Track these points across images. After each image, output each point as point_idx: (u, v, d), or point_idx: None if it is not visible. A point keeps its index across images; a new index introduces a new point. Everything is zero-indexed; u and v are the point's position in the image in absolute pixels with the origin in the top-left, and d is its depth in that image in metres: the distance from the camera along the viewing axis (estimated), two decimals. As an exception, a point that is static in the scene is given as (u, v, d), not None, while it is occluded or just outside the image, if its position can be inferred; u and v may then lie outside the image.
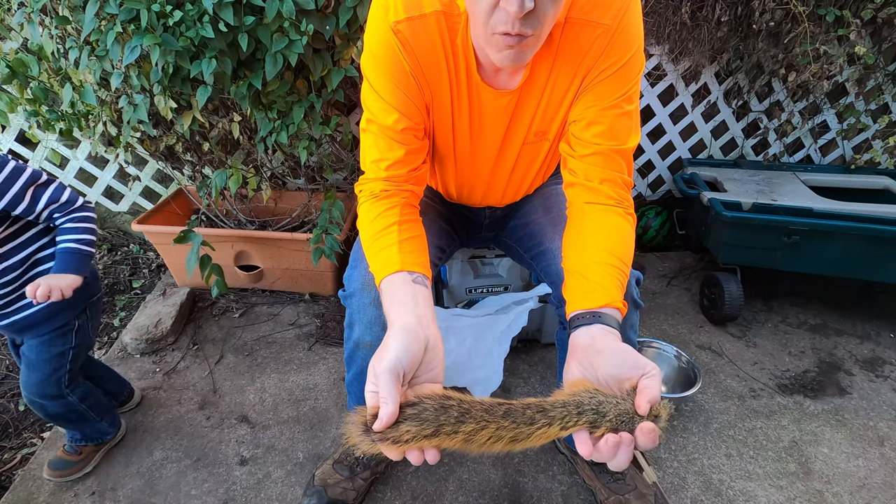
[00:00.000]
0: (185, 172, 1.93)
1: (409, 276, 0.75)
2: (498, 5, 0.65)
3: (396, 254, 0.78)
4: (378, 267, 0.78)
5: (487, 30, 0.68)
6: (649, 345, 1.54)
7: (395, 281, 0.75)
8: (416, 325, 0.67)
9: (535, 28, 0.67)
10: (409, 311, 0.69)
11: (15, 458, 1.31)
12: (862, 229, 1.54)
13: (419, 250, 0.81)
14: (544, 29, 0.69)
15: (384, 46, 0.79)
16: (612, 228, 0.80)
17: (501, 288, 1.55)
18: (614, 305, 0.71)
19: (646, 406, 0.57)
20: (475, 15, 0.69)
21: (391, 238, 0.80)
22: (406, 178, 0.87)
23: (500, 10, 0.65)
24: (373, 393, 0.58)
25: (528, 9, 0.63)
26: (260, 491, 1.20)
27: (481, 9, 0.66)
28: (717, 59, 1.97)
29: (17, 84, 1.51)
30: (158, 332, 1.63)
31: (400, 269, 0.76)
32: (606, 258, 0.76)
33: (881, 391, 1.52)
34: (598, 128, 0.82)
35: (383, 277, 0.76)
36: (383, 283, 0.76)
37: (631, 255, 0.80)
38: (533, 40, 0.69)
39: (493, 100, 0.85)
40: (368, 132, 0.86)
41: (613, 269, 0.75)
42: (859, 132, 2.11)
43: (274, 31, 1.30)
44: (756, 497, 1.20)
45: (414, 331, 0.65)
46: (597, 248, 0.77)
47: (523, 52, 0.70)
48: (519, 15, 0.63)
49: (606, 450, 0.57)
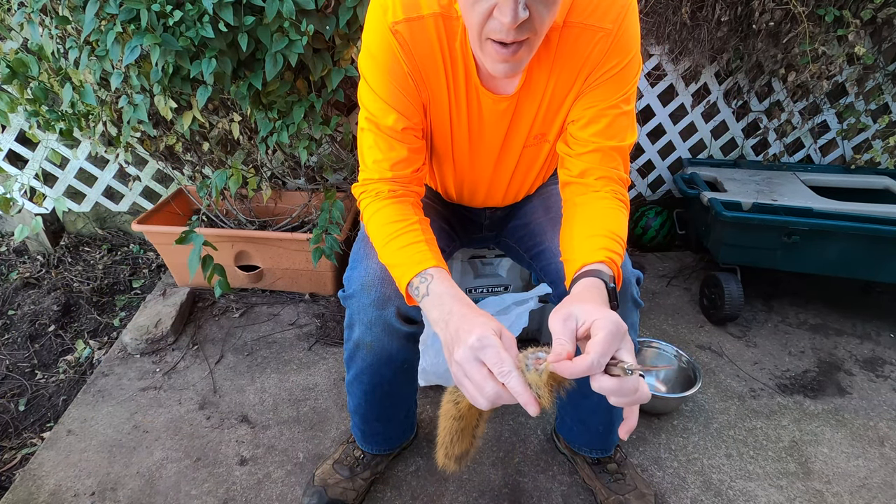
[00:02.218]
0: (185, 172, 1.93)
1: (446, 273, 0.76)
2: (492, 15, 0.64)
3: (427, 251, 0.78)
4: (405, 260, 0.78)
5: (481, 38, 0.69)
6: (649, 345, 1.54)
7: (441, 274, 0.75)
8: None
9: (531, 32, 0.67)
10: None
11: (15, 458, 1.31)
12: (862, 229, 1.54)
13: (439, 251, 0.82)
14: (539, 35, 0.69)
15: (382, 46, 0.79)
16: (600, 209, 0.81)
17: (501, 288, 1.55)
18: (591, 261, 0.73)
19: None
20: (469, 23, 0.69)
21: (415, 236, 0.80)
22: (410, 178, 0.87)
23: (494, 20, 0.65)
24: (499, 362, 0.59)
25: (522, 19, 0.63)
26: (260, 491, 1.20)
27: (475, 18, 0.67)
28: (717, 59, 1.97)
29: (17, 84, 1.51)
30: (158, 332, 1.63)
31: (436, 265, 0.76)
32: (591, 232, 0.77)
33: (881, 391, 1.52)
34: (596, 126, 0.82)
35: (420, 270, 0.76)
36: (420, 275, 0.76)
37: (619, 227, 0.79)
38: (527, 46, 0.69)
39: (491, 104, 0.85)
40: (367, 131, 0.86)
41: (598, 238, 0.76)
42: (859, 132, 2.11)
43: (274, 31, 1.30)
44: (756, 497, 1.20)
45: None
46: (584, 229, 0.78)
47: (517, 61, 0.71)
48: (513, 26, 0.63)
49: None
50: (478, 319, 0.65)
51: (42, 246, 2.14)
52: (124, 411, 1.41)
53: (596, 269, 0.72)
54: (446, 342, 0.67)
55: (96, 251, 2.16)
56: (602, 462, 1.17)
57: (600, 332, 0.57)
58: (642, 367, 0.58)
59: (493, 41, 0.68)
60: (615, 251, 0.75)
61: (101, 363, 1.58)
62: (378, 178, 0.86)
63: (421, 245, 0.79)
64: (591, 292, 0.68)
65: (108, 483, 1.21)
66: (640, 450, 1.31)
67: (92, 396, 1.45)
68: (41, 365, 1.61)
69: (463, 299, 0.71)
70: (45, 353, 1.65)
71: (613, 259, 0.74)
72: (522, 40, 0.67)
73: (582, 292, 0.69)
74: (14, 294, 1.88)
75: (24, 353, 1.64)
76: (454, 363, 0.63)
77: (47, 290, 1.88)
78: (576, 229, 0.79)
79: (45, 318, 1.76)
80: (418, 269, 0.76)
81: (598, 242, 0.75)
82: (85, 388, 1.49)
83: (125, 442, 1.32)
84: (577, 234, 0.78)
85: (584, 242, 0.76)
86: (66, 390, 1.52)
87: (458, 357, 0.62)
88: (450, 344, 0.66)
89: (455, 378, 0.64)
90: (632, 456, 1.29)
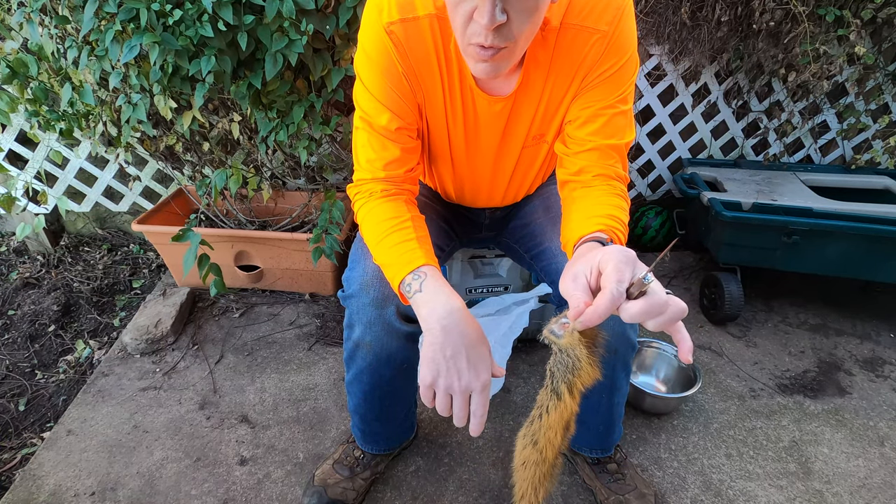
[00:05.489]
0: (185, 172, 1.93)
1: (437, 270, 0.77)
2: (472, 17, 0.65)
3: (418, 248, 0.79)
4: (397, 259, 0.78)
5: (464, 40, 0.69)
6: (649, 345, 1.54)
7: (432, 272, 0.76)
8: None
9: (509, 40, 0.67)
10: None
11: (15, 458, 1.31)
12: (862, 229, 1.54)
13: (431, 248, 0.82)
14: (519, 43, 0.69)
15: (377, 46, 0.80)
16: (598, 196, 0.80)
17: (501, 288, 1.55)
18: (588, 231, 0.72)
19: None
20: (454, 25, 0.70)
21: (407, 234, 0.81)
22: (404, 178, 0.88)
23: (475, 23, 0.66)
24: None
25: (499, 21, 0.63)
26: (260, 491, 1.20)
27: (458, 20, 0.68)
28: (717, 59, 1.97)
29: (17, 84, 1.51)
30: (158, 332, 1.63)
31: (427, 262, 0.77)
32: (589, 214, 0.76)
33: (881, 391, 1.52)
34: (593, 126, 0.83)
35: (412, 269, 0.76)
36: (414, 273, 0.76)
37: (619, 212, 0.78)
38: (506, 53, 0.69)
39: (486, 105, 0.86)
40: (361, 130, 0.87)
41: (595, 218, 0.75)
42: (859, 132, 2.11)
43: (274, 31, 1.30)
44: (756, 497, 1.20)
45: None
46: (581, 213, 0.78)
47: (497, 64, 0.71)
48: (490, 27, 0.64)
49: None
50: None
51: (42, 246, 2.14)
52: (124, 411, 1.41)
53: (594, 236, 0.71)
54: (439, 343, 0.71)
55: (96, 251, 2.16)
56: (602, 462, 1.17)
57: (609, 264, 0.55)
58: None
59: (473, 44, 0.69)
60: (615, 227, 0.74)
61: (101, 363, 1.58)
62: (371, 178, 0.87)
63: (412, 243, 0.79)
64: (591, 248, 0.65)
65: (108, 483, 1.21)
66: (640, 450, 1.31)
67: (92, 396, 1.45)
68: (41, 365, 1.61)
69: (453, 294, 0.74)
70: (45, 353, 1.65)
71: (614, 230, 0.72)
72: (501, 47, 0.68)
73: (581, 252, 0.66)
74: (14, 294, 1.88)
75: (24, 353, 1.64)
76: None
77: (47, 290, 1.88)
78: (573, 216, 0.79)
79: (45, 318, 1.76)
80: (409, 268, 0.77)
81: (596, 220, 0.74)
82: (85, 388, 1.49)
83: (125, 442, 1.32)
84: (575, 219, 0.77)
85: (582, 223, 0.75)
86: (66, 390, 1.52)
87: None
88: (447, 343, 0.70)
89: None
90: (632, 456, 1.29)
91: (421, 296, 0.74)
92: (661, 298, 0.52)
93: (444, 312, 0.71)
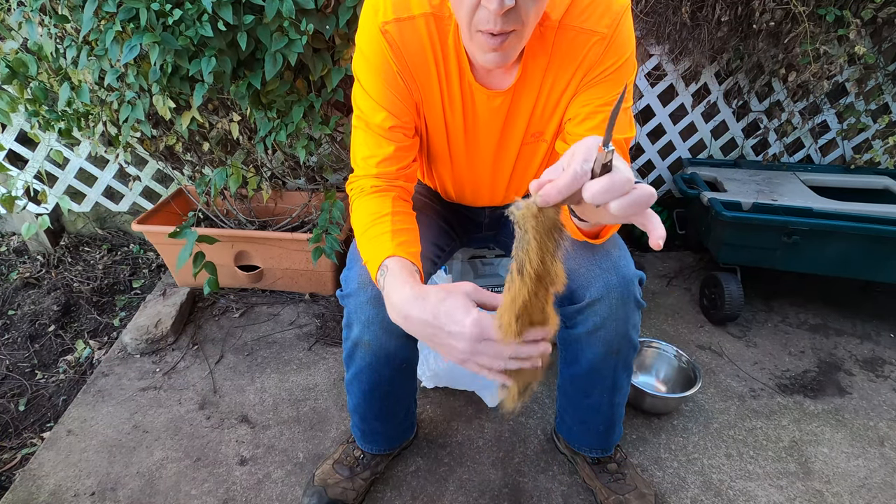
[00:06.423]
0: (185, 172, 1.93)
1: (403, 261, 0.76)
2: (480, 4, 0.66)
3: (389, 241, 0.79)
4: (371, 255, 0.79)
5: (471, 29, 0.70)
6: (649, 345, 1.54)
7: (392, 266, 0.75)
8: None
9: (517, 24, 0.68)
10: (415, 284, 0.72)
11: (15, 458, 1.31)
12: (862, 229, 1.54)
13: (411, 241, 0.82)
14: (527, 25, 0.70)
15: (373, 46, 0.81)
16: None
17: (501, 288, 1.55)
18: None
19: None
20: (459, 16, 0.71)
21: (384, 227, 0.81)
22: (396, 175, 0.89)
23: (482, 9, 0.66)
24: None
25: (508, 6, 0.64)
26: (260, 491, 1.20)
27: (463, 10, 0.68)
28: (717, 59, 1.97)
29: (17, 84, 1.51)
30: (158, 332, 1.63)
31: (393, 254, 0.77)
32: None
33: (881, 391, 1.52)
34: (593, 122, 0.83)
35: (380, 263, 0.77)
36: (380, 268, 0.77)
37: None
38: (515, 37, 0.70)
39: (486, 100, 0.86)
40: (358, 129, 0.88)
41: None
42: (859, 132, 2.11)
43: (273, 31, 1.30)
44: (756, 497, 1.20)
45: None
46: None
47: (506, 52, 0.71)
48: (499, 12, 0.64)
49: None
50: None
51: (42, 246, 2.14)
52: (124, 411, 1.41)
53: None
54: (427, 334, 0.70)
55: (96, 251, 2.16)
56: (602, 462, 1.17)
57: (581, 146, 0.51)
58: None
59: (482, 31, 0.69)
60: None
61: (101, 363, 1.58)
62: (364, 175, 0.89)
63: (384, 237, 0.79)
64: None
65: (108, 483, 1.21)
66: (640, 450, 1.31)
67: (92, 396, 1.45)
68: (41, 365, 1.61)
69: (408, 283, 0.72)
70: (45, 353, 1.65)
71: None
72: (510, 31, 0.69)
73: None
74: (14, 294, 1.88)
75: (24, 353, 1.64)
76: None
77: (47, 290, 1.88)
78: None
79: (45, 318, 1.76)
80: (377, 264, 0.77)
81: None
82: (85, 388, 1.49)
83: (125, 442, 1.32)
84: None
85: None
86: (66, 390, 1.52)
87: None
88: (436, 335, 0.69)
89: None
90: (632, 456, 1.29)
91: (386, 292, 0.74)
92: (624, 175, 0.49)
93: (399, 305, 0.71)
